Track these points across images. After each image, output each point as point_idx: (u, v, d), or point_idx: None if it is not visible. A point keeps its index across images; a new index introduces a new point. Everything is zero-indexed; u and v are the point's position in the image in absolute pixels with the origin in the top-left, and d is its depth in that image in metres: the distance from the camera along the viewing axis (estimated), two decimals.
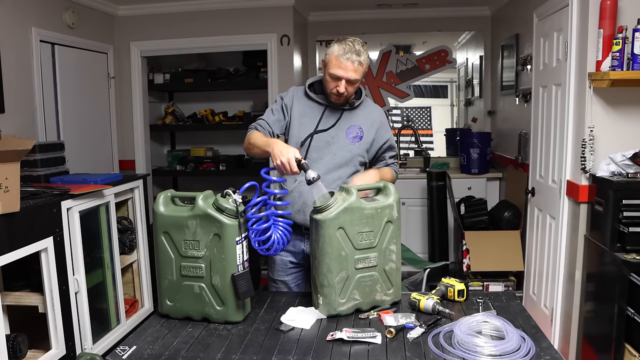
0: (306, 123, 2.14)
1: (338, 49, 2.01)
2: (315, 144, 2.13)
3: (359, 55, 2.00)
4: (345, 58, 1.99)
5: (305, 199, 2.11)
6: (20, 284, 2.55)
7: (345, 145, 2.14)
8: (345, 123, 2.16)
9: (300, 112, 2.16)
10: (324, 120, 2.14)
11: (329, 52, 2.04)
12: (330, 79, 2.05)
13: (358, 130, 2.16)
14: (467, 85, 5.33)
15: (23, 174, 2.76)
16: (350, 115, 2.17)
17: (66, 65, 3.93)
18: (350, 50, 1.99)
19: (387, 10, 4.99)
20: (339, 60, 2.00)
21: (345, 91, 2.05)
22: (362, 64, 2.03)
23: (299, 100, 2.19)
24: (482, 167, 4.63)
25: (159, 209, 1.83)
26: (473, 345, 1.53)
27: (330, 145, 2.13)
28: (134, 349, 1.66)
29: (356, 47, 2.01)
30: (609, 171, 2.53)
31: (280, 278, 2.24)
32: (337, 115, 2.16)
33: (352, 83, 2.05)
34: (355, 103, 2.17)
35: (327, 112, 2.16)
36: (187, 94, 5.58)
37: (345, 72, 2.01)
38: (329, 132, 2.14)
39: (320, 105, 2.16)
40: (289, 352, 1.61)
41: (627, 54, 2.41)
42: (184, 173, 5.28)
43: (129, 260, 3.30)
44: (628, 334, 2.31)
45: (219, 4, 4.51)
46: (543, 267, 3.23)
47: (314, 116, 2.15)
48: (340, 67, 2.00)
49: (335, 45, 2.03)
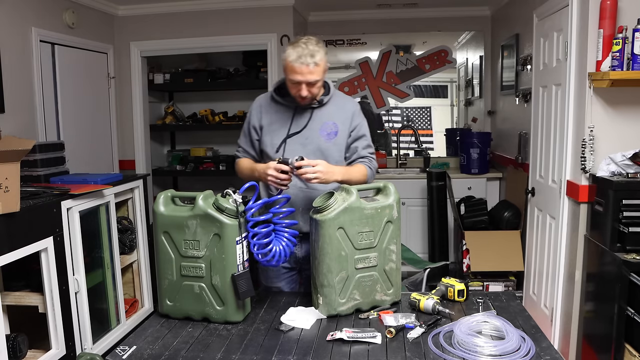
0: (277, 129, 2.12)
1: (292, 53, 1.95)
2: (290, 147, 2.09)
3: (313, 56, 1.94)
4: (299, 63, 1.94)
5: (294, 204, 2.08)
6: (20, 284, 2.55)
7: (321, 143, 2.11)
8: (317, 121, 2.12)
9: (270, 120, 2.13)
10: (295, 123, 2.11)
11: (284, 57, 1.99)
12: (290, 84, 2.02)
13: (332, 125, 2.12)
14: (467, 85, 5.32)
15: (23, 174, 2.76)
16: (321, 113, 2.13)
17: (66, 65, 3.93)
18: (303, 54, 1.93)
19: (387, 10, 4.99)
20: (293, 66, 1.95)
21: (308, 93, 2.01)
22: (319, 64, 1.97)
23: (267, 108, 2.16)
24: (482, 167, 4.63)
25: (159, 209, 1.83)
26: (473, 345, 1.53)
27: (306, 146, 2.10)
28: (134, 349, 1.66)
29: (310, 47, 1.95)
30: (609, 171, 2.53)
31: (274, 284, 2.23)
32: (307, 115, 2.12)
33: (313, 84, 2.00)
34: (324, 100, 2.13)
35: (297, 113, 2.12)
36: (187, 94, 5.57)
37: (302, 76, 1.96)
38: (302, 133, 2.10)
39: (289, 107, 2.12)
40: (289, 352, 1.61)
41: (627, 54, 2.41)
42: (184, 173, 5.28)
43: (129, 260, 3.30)
44: (628, 334, 2.31)
45: (219, 4, 4.51)
46: (543, 267, 3.23)
47: (284, 120, 2.12)
48: (296, 72, 1.95)
49: (289, 49, 1.97)
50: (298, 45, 1.96)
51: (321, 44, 2.01)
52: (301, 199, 2.09)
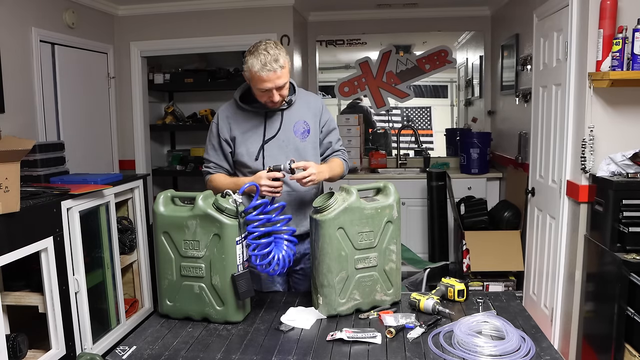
0: (251, 136, 2.10)
1: (255, 63, 1.92)
2: (269, 152, 2.08)
3: (277, 60, 1.92)
4: (266, 71, 1.91)
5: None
6: (20, 284, 2.56)
7: (297, 144, 2.11)
8: (289, 122, 2.11)
9: (241, 128, 2.11)
10: (269, 127, 2.10)
11: (247, 68, 1.96)
12: (259, 93, 2.00)
13: (303, 124, 2.13)
14: (467, 85, 5.33)
15: (23, 174, 2.76)
16: (290, 113, 2.13)
17: (66, 65, 3.93)
18: (267, 61, 1.91)
19: (387, 10, 4.99)
20: (260, 75, 1.92)
21: (280, 97, 2.01)
22: (284, 67, 1.95)
23: (235, 118, 2.13)
24: (482, 167, 4.63)
25: (159, 209, 1.83)
26: (473, 345, 1.53)
27: (283, 148, 2.09)
28: (134, 349, 1.66)
29: (271, 52, 1.92)
30: (609, 171, 2.53)
31: (269, 289, 2.22)
32: (279, 118, 2.11)
33: (282, 87, 1.99)
34: (292, 100, 2.13)
35: (268, 117, 2.11)
36: (187, 94, 5.58)
37: (271, 82, 1.94)
38: (278, 136, 2.10)
39: (259, 113, 2.11)
40: (289, 352, 1.61)
41: (627, 54, 2.41)
42: (184, 173, 5.28)
43: (129, 260, 3.31)
44: (628, 334, 2.31)
45: (219, 4, 4.51)
46: (543, 267, 3.23)
47: (257, 127, 2.10)
48: (264, 80, 1.93)
49: (250, 59, 1.93)
50: (259, 52, 1.92)
51: (279, 45, 1.99)
52: (289, 202, 2.09)
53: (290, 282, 2.28)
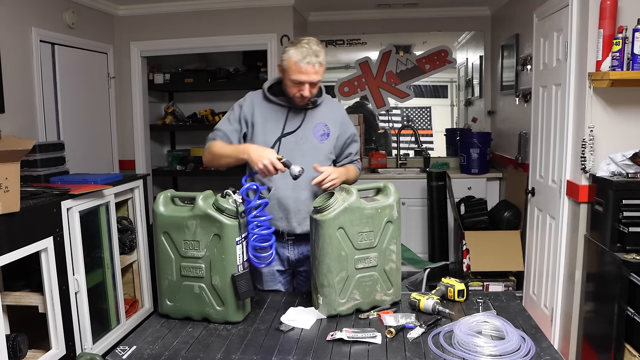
0: (271, 127, 2.10)
1: (296, 54, 1.96)
2: (285, 146, 2.09)
3: (318, 56, 1.97)
4: (305, 62, 1.95)
5: (286, 206, 2.09)
6: (20, 284, 2.55)
7: (314, 144, 2.12)
8: (310, 122, 2.13)
9: (263, 117, 2.11)
10: (290, 122, 2.11)
11: (286, 57, 1.99)
12: (292, 84, 2.02)
13: (324, 127, 2.14)
14: (467, 85, 5.32)
15: (23, 174, 2.76)
16: (314, 114, 2.14)
17: (66, 65, 3.93)
18: (308, 54, 1.95)
19: (387, 10, 4.99)
20: (299, 66, 1.96)
21: (309, 94, 2.03)
22: (322, 64, 2.00)
23: (259, 105, 2.14)
24: (482, 167, 4.63)
25: (159, 209, 1.83)
26: (473, 345, 1.53)
27: (300, 146, 2.10)
28: (134, 349, 1.66)
29: (313, 48, 1.97)
30: (609, 171, 2.53)
31: (271, 288, 2.22)
32: (301, 116, 2.13)
33: (315, 84, 2.02)
34: (318, 101, 2.15)
35: (291, 113, 2.12)
36: (187, 94, 5.58)
37: (307, 76, 1.97)
38: (297, 133, 2.11)
39: (283, 107, 2.12)
40: (289, 352, 1.61)
41: (627, 54, 2.41)
42: (184, 173, 5.28)
43: (129, 260, 3.30)
44: (628, 334, 2.31)
45: (219, 4, 4.51)
46: (543, 267, 3.23)
47: (278, 119, 2.11)
48: (301, 72, 1.96)
49: (291, 49, 1.98)
50: (301, 45, 1.97)
51: (321, 44, 2.03)
52: (293, 200, 2.09)
53: (294, 283, 2.28)
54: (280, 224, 2.10)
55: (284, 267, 2.22)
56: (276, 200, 2.09)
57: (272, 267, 2.19)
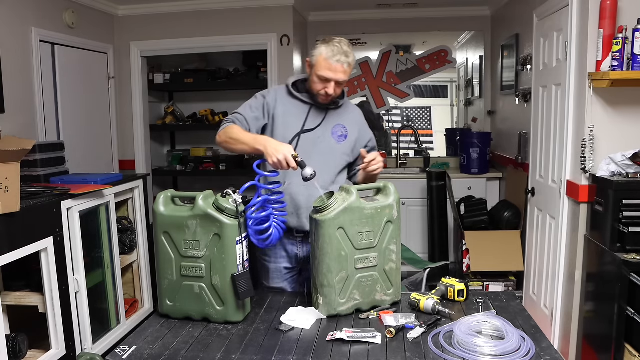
0: (292, 122, 2.12)
1: (326, 51, 2.00)
2: (303, 143, 2.11)
3: (347, 56, 2.01)
4: (335, 60, 1.99)
5: (298, 202, 2.10)
6: (20, 284, 2.55)
7: (332, 144, 2.14)
8: (330, 122, 2.15)
9: (285, 111, 2.13)
10: (310, 120, 2.13)
11: (316, 53, 2.03)
12: (318, 81, 2.04)
13: (343, 129, 2.16)
14: (467, 85, 5.33)
15: (23, 174, 2.76)
16: (334, 115, 2.17)
17: (66, 65, 3.93)
18: (339, 52, 1.99)
19: (387, 10, 4.99)
20: (328, 63, 2.00)
21: (334, 92, 2.05)
22: (351, 65, 2.04)
23: (283, 99, 2.16)
24: (482, 167, 4.63)
25: (159, 209, 1.83)
26: (473, 345, 1.53)
27: (317, 144, 2.12)
28: (134, 349, 1.66)
29: (344, 48, 2.01)
30: (609, 171, 2.53)
31: (277, 285, 2.23)
32: (322, 115, 2.15)
33: (340, 84, 2.06)
34: (340, 103, 2.17)
35: (313, 111, 2.14)
36: (187, 94, 5.58)
37: (334, 74, 2.01)
38: (316, 131, 2.13)
39: (306, 104, 2.14)
40: (289, 352, 1.61)
41: (627, 54, 2.41)
42: (184, 173, 5.28)
43: (129, 260, 3.30)
44: (628, 334, 2.31)
45: (219, 4, 4.51)
46: (543, 267, 3.23)
47: (299, 115, 2.13)
48: (330, 69, 2.00)
49: (322, 46, 2.03)
50: (333, 44, 2.02)
51: (351, 47, 2.08)
52: (305, 197, 2.09)
53: (301, 281, 2.27)
54: (290, 219, 2.10)
55: (291, 264, 2.22)
56: (289, 195, 2.10)
57: (279, 264, 2.21)
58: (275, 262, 2.21)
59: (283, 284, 2.23)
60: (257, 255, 2.24)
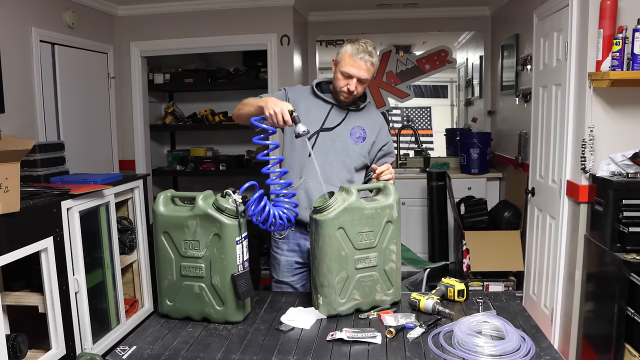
0: (312, 120, 2.16)
1: (352, 48, 2.07)
2: (321, 141, 2.16)
3: (372, 56, 2.08)
4: (359, 57, 2.06)
5: (312, 197, 2.13)
6: (20, 284, 2.55)
7: (349, 144, 2.18)
8: (349, 123, 2.20)
9: (307, 108, 2.18)
10: (330, 119, 2.18)
11: (342, 51, 2.10)
12: (341, 77, 2.10)
13: (361, 131, 2.20)
14: (467, 85, 5.33)
15: (23, 174, 2.76)
16: (354, 117, 2.21)
17: (66, 65, 3.93)
18: (363, 51, 2.06)
19: (387, 10, 4.99)
20: (352, 59, 2.06)
21: (355, 90, 2.10)
22: (374, 65, 2.10)
23: (305, 97, 2.22)
24: (482, 167, 4.63)
25: (159, 209, 1.83)
26: (473, 345, 1.53)
27: (335, 143, 2.17)
28: (134, 349, 1.66)
29: (369, 48, 2.08)
30: (609, 171, 2.53)
31: (286, 279, 2.24)
32: (342, 115, 2.20)
33: (363, 82, 2.11)
34: (361, 105, 2.22)
35: (333, 111, 2.19)
36: (187, 94, 5.57)
37: (358, 71, 2.06)
38: (335, 130, 2.17)
39: (327, 104, 2.20)
40: (289, 352, 1.61)
41: (627, 54, 2.41)
42: (184, 173, 5.28)
43: (129, 260, 3.30)
44: (628, 334, 2.31)
45: (219, 4, 4.51)
46: (543, 267, 3.23)
47: (320, 114, 2.18)
48: (354, 65, 2.06)
49: (348, 45, 2.10)
50: (358, 43, 2.09)
51: (376, 48, 2.13)
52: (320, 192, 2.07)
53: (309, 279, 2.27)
54: (304, 213, 2.11)
55: (303, 259, 2.23)
56: (304, 190, 2.15)
57: (290, 258, 2.23)
58: (287, 255, 2.23)
59: (292, 278, 2.24)
60: (269, 247, 2.30)
